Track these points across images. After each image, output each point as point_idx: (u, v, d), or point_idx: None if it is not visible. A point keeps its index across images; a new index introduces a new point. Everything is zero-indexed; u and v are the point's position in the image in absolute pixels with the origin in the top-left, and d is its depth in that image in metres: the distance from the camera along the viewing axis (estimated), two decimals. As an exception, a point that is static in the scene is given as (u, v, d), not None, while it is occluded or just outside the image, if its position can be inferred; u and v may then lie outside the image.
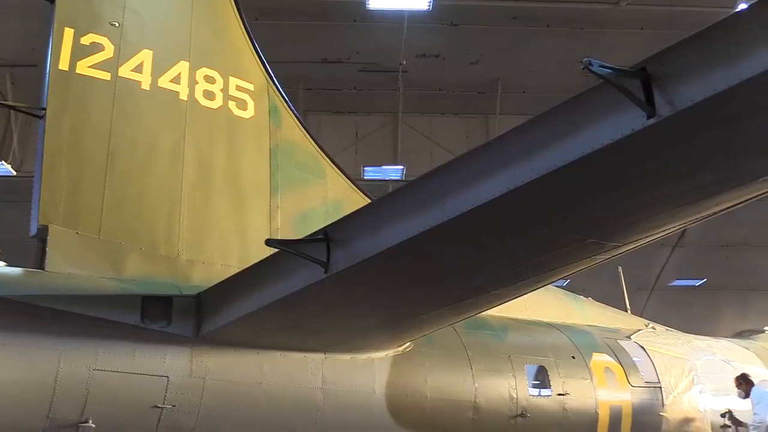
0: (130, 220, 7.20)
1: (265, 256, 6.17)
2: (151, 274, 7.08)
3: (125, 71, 7.46)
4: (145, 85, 7.59)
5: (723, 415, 10.35)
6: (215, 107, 8.04)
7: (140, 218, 7.26)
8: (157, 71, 7.67)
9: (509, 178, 4.38)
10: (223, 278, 6.71)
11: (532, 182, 4.25)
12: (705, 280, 29.12)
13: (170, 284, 6.99)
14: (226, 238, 7.74)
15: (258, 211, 8.01)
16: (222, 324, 6.56)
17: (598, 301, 11.94)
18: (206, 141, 7.88)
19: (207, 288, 6.75)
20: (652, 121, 3.65)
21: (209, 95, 8.01)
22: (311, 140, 8.81)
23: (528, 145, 4.33)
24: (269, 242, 5.67)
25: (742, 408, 10.45)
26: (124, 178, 7.24)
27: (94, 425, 6.31)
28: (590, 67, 3.58)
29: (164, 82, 7.71)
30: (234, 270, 7.04)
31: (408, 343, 7.95)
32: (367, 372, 7.68)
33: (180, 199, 7.50)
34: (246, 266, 6.62)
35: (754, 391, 10.40)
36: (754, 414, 10.25)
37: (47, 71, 7.07)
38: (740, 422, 10.28)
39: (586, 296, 11.87)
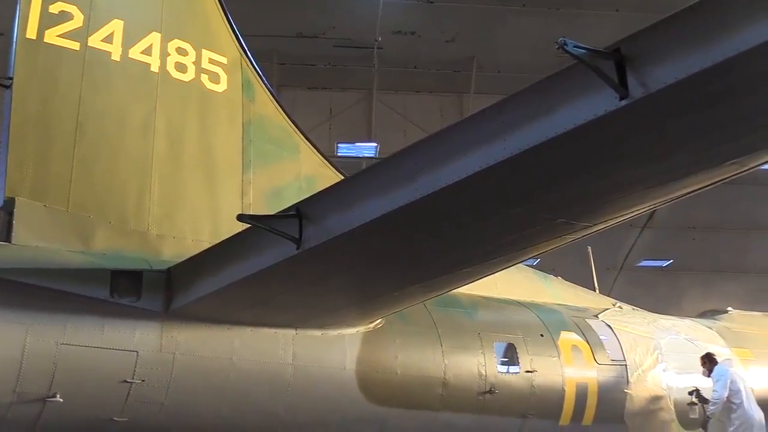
0: (99, 193, 7.09)
1: (236, 232, 6.13)
2: (121, 248, 7.00)
3: (95, 41, 7.29)
4: (116, 56, 7.44)
5: (690, 393, 10.59)
6: (187, 80, 7.91)
7: (110, 191, 7.16)
8: (128, 42, 7.52)
9: (482, 156, 4.38)
10: (194, 253, 6.66)
11: (505, 161, 4.27)
12: (671, 261, 29.61)
13: (140, 259, 6.92)
14: (197, 212, 7.66)
15: (230, 186, 7.94)
16: (192, 299, 6.52)
17: (567, 280, 12.08)
18: (178, 114, 7.77)
19: (177, 263, 6.70)
20: (624, 102, 3.68)
21: (181, 68, 7.88)
22: (285, 116, 8.72)
23: (501, 124, 4.33)
24: (241, 217, 5.64)
25: (708, 386, 10.69)
26: (94, 151, 7.11)
27: (62, 400, 6.26)
28: (565, 47, 3.58)
29: (135, 53, 7.57)
30: (205, 245, 7.00)
31: (379, 320, 7.98)
32: (337, 348, 7.70)
33: (150, 172, 7.40)
34: (217, 241, 6.57)
35: (715, 369, 10.65)
36: (714, 391, 10.51)
37: (14, 40, 6.89)
38: (706, 400, 10.53)
39: (556, 275, 11.99)
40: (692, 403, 10.54)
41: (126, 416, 6.73)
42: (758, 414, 10.46)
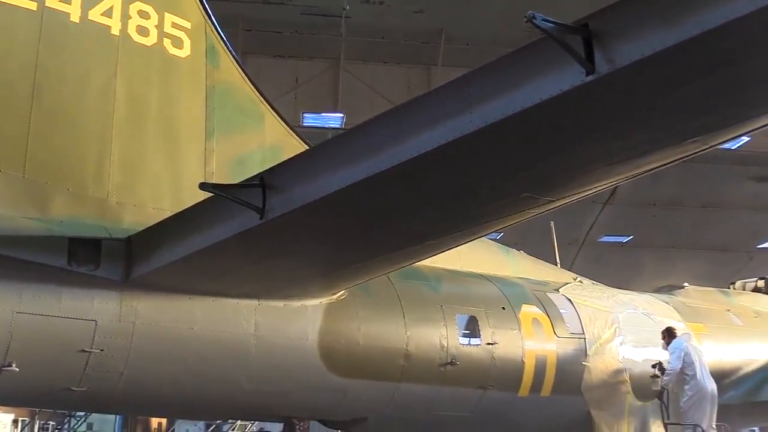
0: (56, 159, 6.92)
1: (199, 201, 6.05)
2: (79, 215, 6.86)
3: (53, 1, 7.05)
4: (75, 18, 7.20)
5: (654, 366, 10.88)
6: (149, 44, 7.71)
7: (68, 157, 6.99)
8: (88, 3, 7.28)
9: (448, 130, 4.38)
10: (155, 222, 6.56)
11: (471, 135, 4.27)
12: (632, 237, 30.20)
13: (99, 226, 6.80)
14: (158, 180, 7.54)
15: (192, 154, 7.81)
16: (153, 268, 6.45)
17: (529, 254, 12.22)
18: (139, 79, 7.58)
19: (138, 231, 6.60)
20: (591, 77, 3.69)
21: (143, 31, 7.67)
22: (249, 83, 8.58)
23: (468, 97, 4.33)
24: (203, 186, 5.56)
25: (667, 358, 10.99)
26: (51, 115, 6.92)
27: (17, 369, 6.17)
28: (533, 20, 3.57)
29: (95, 15, 7.33)
30: (166, 214, 6.90)
31: (342, 292, 8.00)
32: (300, 319, 7.71)
33: (110, 138, 7.23)
34: (179, 210, 6.48)
35: (672, 342, 10.94)
36: (669, 363, 10.81)
37: (-33, -2, 6.63)
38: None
39: (519, 250, 12.12)
40: (654, 376, 10.83)
41: (84, 386, 6.68)
42: (711, 385, 10.79)
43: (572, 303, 10.68)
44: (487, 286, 9.97)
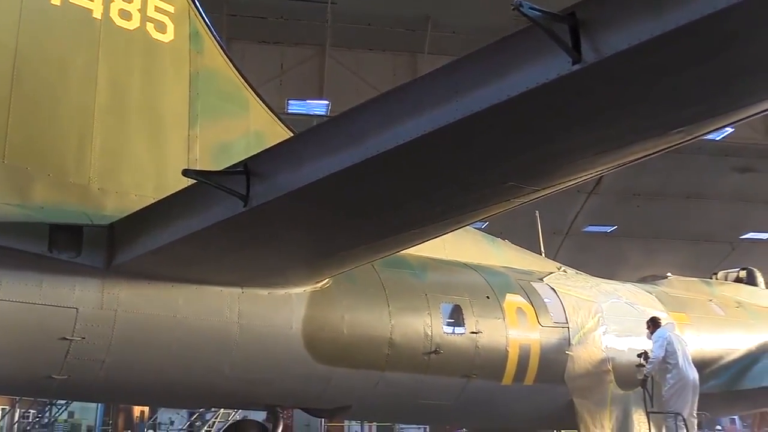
0: (37, 144, 6.84)
1: (182, 188, 6.01)
2: (60, 202, 6.79)
3: (33, -17, 6.96)
4: (56, 1, 7.11)
5: (639, 355, 11.00)
6: (131, 28, 7.63)
7: (49, 143, 6.91)
8: (69, -15, 7.19)
9: (434, 117, 4.38)
10: (138, 209, 6.51)
11: (457, 123, 4.26)
12: (616, 227, 30.40)
13: (80, 213, 6.74)
14: (141, 167, 7.48)
15: (175, 141, 7.75)
16: (135, 255, 6.40)
17: (514, 244, 12.28)
18: (121, 64, 7.51)
19: (120, 218, 6.55)
20: (577, 67, 3.70)
21: (125, 15, 7.59)
22: (234, 69, 8.52)
23: (454, 85, 4.32)
24: (186, 173, 5.52)
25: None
26: (32, 100, 6.85)
27: (-3, 356, 6.13)
28: (520, 8, 3.56)
29: (76, -3, 7.25)
30: (149, 201, 6.84)
31: (327, 280, 7.99)
32: (284, 307, 7.70)
33: (92, 124, 7.16)
34: (162, 197, 6.44)
35: (656, 332, 11.06)
36: (651, 351, 10.93)
37: (-56, -21, 6.52)
38: None
39: (504, 239, 12.17)
40: (640, 365, 10.96)
41: (65, 374, 6.64)
42: (693, 374, 10.92)
43: (556, 292, 10.76)
44: (472, 275, 10.01)
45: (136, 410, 27.61)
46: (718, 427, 23.24)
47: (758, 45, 3.68)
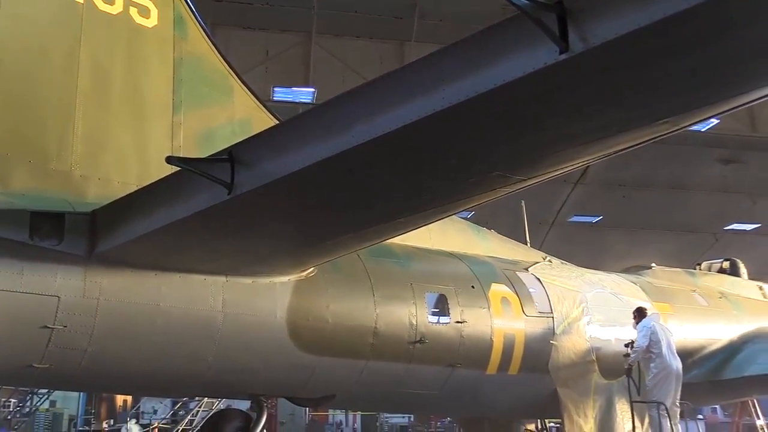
0: (18, 130, 6.77)
1: (165, 175, 5.97)
2: (41, 188, 6.73)
3: (14, -33, 6.86)
4: (36, -16, 7.02)
5: (627, 345, 11.11)
6: (115, 13, 7.55)
7: (30, 129, 6.84)
8: (50, -31, 7.10)
9: (420, 106, 4.37)
10: (120, 196, 6.47)
11: (443, 112, 4.26)
12: (601, 217, 30.57)
13: (62, 200, 6.68)
14: (123, 154, 7.42)
15: (159, 127, 7.70)
16: (118, 243, 6.37)
17: (499, 233, 12.32)
18: (104, 49, 7.43)
19: (103, 205, 6.50)
20: (564, 56, 3.70)
21: (108, -1, 7.51)
22: (219, 55, 8.46)
23: (441, 74, 4.32)
24: (170, 160, 5.49)
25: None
26: (12, 85, 6.77)
27: (-23, 344, 6.08)
28: (508, -4, 3.56)
29: (58, -19, 7.16)
30: (132, 188, 6.80)
31: (311, 269, 7.99)
32: (268, 296, 7.69)
33: (74, 109, 7.09)
34: (145, 184, 6.39)
35: (641, 322, 11.17)
36: (636, 341, 11.05)
37: None
38: None
39: (489, 228, 12.21)
40: (627, 355, 11.07)
41: (47, 362, 6.60)
42: (676, 364, 11.05)
43: (541, 282, 10.82)
44: (457, 264, 10.05)
45: (119, 399, 27.56)
46: (700, 417, 23.52)
47: (745, 36, 3.70)
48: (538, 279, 10.86)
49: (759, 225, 31.94)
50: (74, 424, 25.42)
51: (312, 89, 22.84)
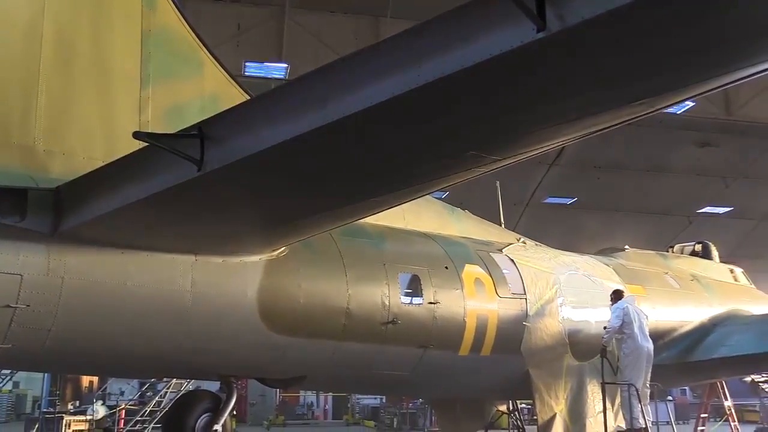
0: (-23, 102, 6.62)
1: (133, 151, 5.89)
2: (3, 163, 6.60)
3: (-28, -68, 6.67)
4: (-2, -50, 6.84)
5: (605, 328, 11.27)
6: (79, -18, 7.38)
7: (-10, 101, 6.70)
8: (11, -66, 6.91)
9: (395, 83, 4.35)
10: (86, 172, 6.37)
11: (418, 89, 4.25)
12: (576, 199, 30.87)
13: (25, 175, 6.56)
14: (89, 128, 7.30)
15: (126, 101, 7.57)
16: (83, 221, 6.29)
17: (474, 214, 12.38)
18: (68, 19, 7.27)
19: (67, 181, 6.40)
20: (541, 35, 3.71)
21: (73, -33, 7.34)
22: (188, 28, 8.32)
23: (416, 50, 4.30)
24: (138, 135, 5.41)
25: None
26: (-29, 55, 6.61)
27: (-65, 324, 5.98)
28: (485, -28, 3.55)
29: (20, -52, 6.97)
30: (98, 163, 6.71)
31: (283, 248, 7.97)
32: (239, 276, 7.66)
33: (37, 82, 6.94)
34: (112, 160, 6.31)
35: (616, 304, 11.35)
36: (609, 321, 11.24)
37: None
38: None
39: (464, 209, 12.26)
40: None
41: (9, 342, 6.52)
42: (648, 346, 11.26)
43: (515, 263, 10.91)
44: (431, 245, 10.09)
45: (85, 380, 27.36)
46: (669, 398, 24.04)
47: (722, 19, 3.73)
48: (512, 260, 10.96)
49: (731, 208, 32.52)
50: (38, 405, 25.21)
51: (285, 65, 22.63)
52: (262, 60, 22.84)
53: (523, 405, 17.04)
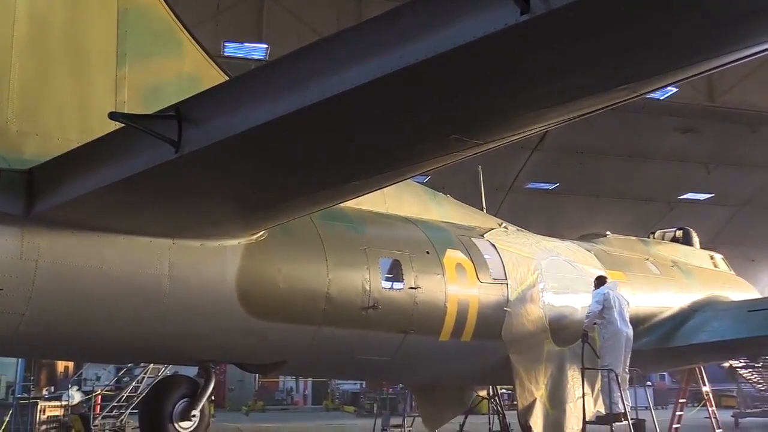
0: (-53, 80, 6.51)
1: (109, 132, 5.83)
2: (-26, 144, 6.52)
3: None
4: (-32, -77, 6.70)
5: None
6: (53, -42, 7.26)
7: (-40, 79, 6.59)
8: None
9: (377, 65, 4.33)
10: (61, 153, 6.30)
11: (401, 72, 4.23)
12: (558, 184, 31.03)
13: (-3, 156, 6.48)
14: (64, 108, 7.21)
15: (102, 81, 7.48)
16: (58, 203, 6.23)
17: (456, 199, 12.42)
18: (42, -4, 7.16)
19: (41, 162, 6.33)
20: (525, 17, 3.70)
21: (46, -57, 7.21)
22: (166, 7, 8.22)
23: (399, 32, 4.27)
24: (114, 116, 5.34)
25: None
26: (-59, 32, 6.49)
27: None
28: (469, -47, 3.53)
29: None
30: (73, 145, 6.63)
31: (262, 232, 7.94)
32: (217, 259, 7.64)
33: (9, 60, 6.84)
34: (87, 141, 6.23)
35: (598, 289, 11.47)
36: (589, 306, 11.35)
37: None
38: None
39: (445, 194, 12.28)
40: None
41: (-19, 326, 6.46)
42: (627, 331, 11.38)
43: (496, 249, 10.97)
44: (412, 229, 10.11)
45: (60, 366, 27.20)
46: (649, 383, 24.40)
47: (705, 4, 3.75)
48: (494, 245, 11.01)
49: (712, 195, 32.85)
50: (12, 391, 25.01)
51: (265, 45, 22.47)
52: (242, 40, 22.66)
53: (504, 390, 17.21)
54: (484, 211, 13.69)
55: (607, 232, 15.57)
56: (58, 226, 6.60)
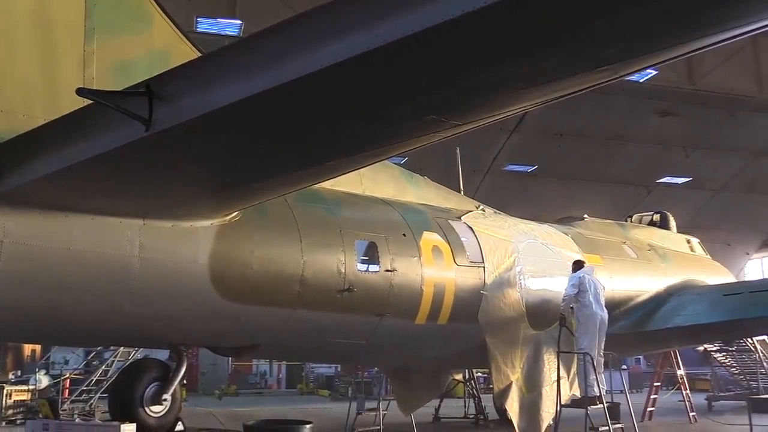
0: None
1: (77, 108, 5.74)
2: (-64, 120, 6.40)
3: None
4: None
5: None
6: (18, -74, 7.10)
7: None
8: None
9: (353, 43, 4.30)
10: (26, 130, 6.19)
11: (377, 50, 4.21)
12: (536, 167, 31.16)
13: (-40, 133, 6.36)
14: (29, 84, 7.09)
15: (69, 56, 7.35)
16: (24, 182, 6.15)
17: (433, 180, 12.44)
18: (6, -34, 7.01)
19: (6, 140, 6.22)
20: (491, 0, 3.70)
21: None
22: (136, -21, 8.09)
23: (375, 9, 4.26)
24: (82, 92, 5.26)
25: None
26: None
27: None
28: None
29: None
30: (39, 122, 6.52)
31: (236, 213, 7.90)
32: (189, 241, 7.60)
33: (-28, 33, 6.70)
34: (54, 118, 6.14)
35: (574, 273, 11.58)
36: (565, 290, 11.47)
37: None
38: None
39: (423, 175, 12.30)
40: None
41: (-56, 308, 6.38)
42: (602, 314, 11.52)
43: (473, 231, 11.02)
44: (389, 211, 10.12)
45: (27, 349, 26.94)
46: (624, 367, 24.76)
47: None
48: (471, 228, 11.06)
49: (690, 179, 33.22)
50: (-23, 374, 24.79)
51: (239, 21, 22.17)
52: (215, 16, 22.35)
53: (479, 374, 17.37)
54: (462, 193, 13.74)
55: (585, 216, 15.71)
56: (24, 206, 6.52)
